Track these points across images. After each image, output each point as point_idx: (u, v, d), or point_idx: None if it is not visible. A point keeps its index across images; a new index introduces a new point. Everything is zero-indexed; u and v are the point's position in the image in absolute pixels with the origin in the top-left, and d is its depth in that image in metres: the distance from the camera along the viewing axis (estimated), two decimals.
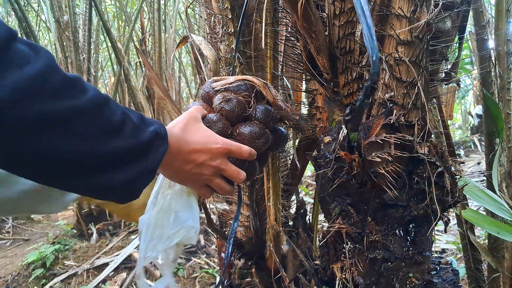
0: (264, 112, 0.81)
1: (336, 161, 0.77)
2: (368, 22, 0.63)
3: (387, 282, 0.78)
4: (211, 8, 1.26)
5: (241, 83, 0.82)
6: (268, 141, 0.81)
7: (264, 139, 0.80)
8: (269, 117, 0.82)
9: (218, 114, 0.80)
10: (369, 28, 0.63)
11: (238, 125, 0.81)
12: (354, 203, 0.80)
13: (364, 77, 0.80)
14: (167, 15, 5.25)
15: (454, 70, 1.00)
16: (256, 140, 0.78)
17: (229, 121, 0.80)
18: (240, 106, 0.80)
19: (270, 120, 0.82)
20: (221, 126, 0.78)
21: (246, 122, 0.80)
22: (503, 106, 1.45)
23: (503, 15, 1.42)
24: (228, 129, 0.80)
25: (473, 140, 7.66)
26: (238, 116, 0.80)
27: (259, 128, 0.79)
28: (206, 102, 0.85)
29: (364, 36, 0.64)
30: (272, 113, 0.83)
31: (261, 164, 0.87)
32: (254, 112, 0.81)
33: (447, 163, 0.77)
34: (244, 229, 1.47)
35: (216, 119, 0.78)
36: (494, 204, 1.25)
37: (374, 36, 0.63)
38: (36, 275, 3.08)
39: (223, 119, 0.79)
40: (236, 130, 0.80)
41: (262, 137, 0.79)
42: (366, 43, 0.63)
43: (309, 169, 4.88)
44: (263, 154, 0.84)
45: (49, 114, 0.43)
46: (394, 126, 0.73)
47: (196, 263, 3.41)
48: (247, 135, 0.78)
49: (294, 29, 0.89)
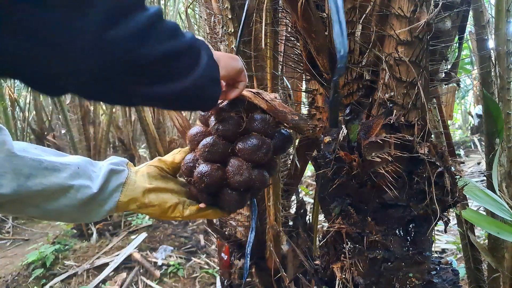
0: (260, 122, 0.82)
1: (336, 161, 0.77)
2: (340, 17, 0.64)
3: (387, 282, 0.78)
4: (211, 8, 1.26)
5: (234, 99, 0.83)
6: (269, 150, 0.81)
7: (265, 149, 0.80)
8: (266, 125, 0.82)
9: (216, 136, 0.81)
10: (340, 23, 0.64)
11: (237, 141, 0.81)
12: (354, 203, 0.80)
13: (364, 77, 0.80)
14: (167, 15, 5.26)
15: (454, 70, 1.00)
16: (257, 152, 0.79)
17: (228, 139, 0.81)
18: (235, 123, 0.80)
19: (267, 128, 0.82)
20: (221, 147, 0.80)
21: (244, 136, 0.81)
22: (503, 106, 1.45)
23: (503, 15, 1.42)
24: (228, 149, 0.81)
25: (473, 140, 7.66)
26: (234, 133, 0.81)
27: (257, 139, 0.79)
28: (204, 124, 0.87)
29: (334, 32, 0.64)
30: (268, 121, 0.83)
31: (271, 172, 0.87)
32: (250, 124, 0.82)
33: (447, 163, 0.77)
34: (244, 229, 1.47)
35: (213, 142, 0.80)
36: (494, 204, 1.25)
37: (345, 31, 0.64)
38: (36, 275, 3.08)
39: (221, 139, 0.80)
40: (235, 147, 0.81)
41: (262, 148, 0.79)
42: (335, 38, 0.64)
43: (309, 169, 4.88)
44: (269, 161, 0.84)
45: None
46: (394, 126, 0.73)
47: (196, 263, 3.41)
48: (248, 149, 0.79)
49: (294, 29, 0.89)
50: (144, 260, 3.32)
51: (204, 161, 0.80)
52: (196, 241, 3.74)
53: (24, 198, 0.66)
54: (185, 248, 3.63)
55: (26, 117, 6.30)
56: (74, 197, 0.71)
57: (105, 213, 0.78)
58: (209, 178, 0.78)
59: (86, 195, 0.72)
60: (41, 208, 0.70)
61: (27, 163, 0.66)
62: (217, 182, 0.79)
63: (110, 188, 0.77)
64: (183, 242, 3.73)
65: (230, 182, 0.79)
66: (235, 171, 0.78)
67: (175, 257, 3.45)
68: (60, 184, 0.69)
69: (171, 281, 3.13)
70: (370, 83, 0.80)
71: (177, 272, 3.22)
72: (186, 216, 0.83)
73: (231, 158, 0.81)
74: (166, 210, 0.82)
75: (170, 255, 3.46)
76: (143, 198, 0.80)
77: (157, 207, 0.81)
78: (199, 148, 0.81)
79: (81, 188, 0.72)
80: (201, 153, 0.80)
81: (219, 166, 0.80)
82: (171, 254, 3.48)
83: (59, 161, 0.71)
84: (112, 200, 0.77)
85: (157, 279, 3.13)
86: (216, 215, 0.87)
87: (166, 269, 3.26)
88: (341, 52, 0.63)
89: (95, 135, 4.41)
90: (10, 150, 0.64)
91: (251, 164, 0.80)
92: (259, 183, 0.81)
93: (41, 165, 0.67)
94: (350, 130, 0.77)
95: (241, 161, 0.79)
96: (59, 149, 5.94)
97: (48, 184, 0.68)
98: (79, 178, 0.72)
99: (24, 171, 0.65)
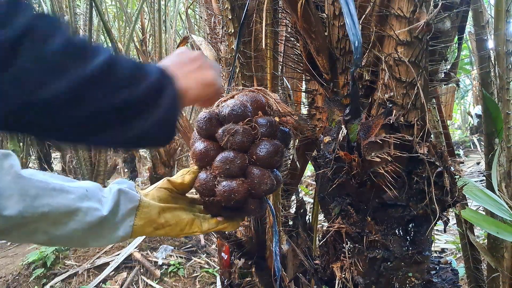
0: (269, 126, 0.81)
1: (336, 161, 0.77)
2: (351, 9, 0.65)
3: (387, 281, 0.78)
4: (211, 8, 1.27)
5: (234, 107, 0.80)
6: (283, 152, 0.81)
7: (280, 153, 0.80)
8: (274, 128, 0.82)
9: (232, 150, 0.79)
10: (352, 15, 0.65)
11: (251, 150, 0.80)
12: (354, 203, 0.80)
13: (363, 77, 0.80)
14: (168, 15, 5.26)
15: (454, 70, 1.00)
16: (275, 157, 0.79)
17: (242, 151, 0.80)
18: (247, 133, 0.79)
19: (275, 130, 0.82)
20: (240, 160, 0.78)
21: (256, 144, 0.80)
22: (502, 106, 1.46)
23: (502, 15, 1.42)
24: (245, 160, 0.79)
25: (472, 140, 7.66)
26: (249, 143, 0.80)
27: (271, 145, 0.79)
28: (206, 137, 0.83)
29: (346, 24, 0.65)
30: (274, 123, 0.82)
31: (280, 169, 0.87)
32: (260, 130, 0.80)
33: (446, 163, 0.78)
34: (244, 229, 1.47)
35: (232, 157, 0.78)
36: (493, 204, 1.26)
37: (357, 23, 0.64)
38: (36, 274, 3.08)
39: (237, 153, 0.79)
40: (252, 157, 0.79)
41: (278, 152, 0.79)
42: (348, 31, 0.65)
43: (309, 169, 4.88)
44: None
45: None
46: (393, 126, 0.74)
47: (197, 263, 3.41)
48: (266, 157, 0.78)
49: (294, 30, 0.89)
50: (145, 259, 3.32)
51: (226, 177, 0.78)
52: (196, 240, 3.75)
53: (30, 222, 0.65)
54: (186, 248, 3.64)
55: None
56: (82, 220, 0.69)
57: (119, 238, 0.76)
58: (237, 194, 0.76)
59: (95, 217, 0.70)
60: (49, 234, 0.68)
61: (34, 184, 0.65)
62: (245, 196, 0.78)
63: (123, 211, 0.75)
64: (184, 241, 3.73)
65: (256, 192, 0.79)
66: (260, 181, 0.78)
67: (175, 256, 3.45)
68: (67, 206, 0.67)
69: (171, 281, 3.14)
70: (370, 83, 0.80)
71: (178, 271, 3.23)
72: (205, 230, 0.82)
73: (251, 169, 0.79)
74: (184, 227, 0.80)
75: (171, 255, 3.47)
76: (159, 219, 0.78)
77: (173, 226, 0.80)
78: (217, 165, 0.78)
79: (89, 211, 0.70)
80: (221, 170, 0.78)
81: (243, 180, 0.79)
82: (171, 254, 3.48)
83: (68, 184, 0.70)
84: (127, 224, 0.75)
85: (157, 278, 3.13)
86: (233, 227, 0.86)
87: (167, 268, 3.26)
88: (355, 44, 0.64)
89: None
90: (17, 172, 0.63)
91: (270, 169, 0.80)
92: (278, 185, 0.82)
93: (48, 186, 0.66)
94: (350, 130, 0.78)
95: (262, 170, 0.79)
96: (59, 149, 5.94)
97: (55, 205, 0.66)
98: (88, 200, 0.70)
99: (31, 192, 0.64)
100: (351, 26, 0.65)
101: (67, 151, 5.31)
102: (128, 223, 0.76)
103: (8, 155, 0.64)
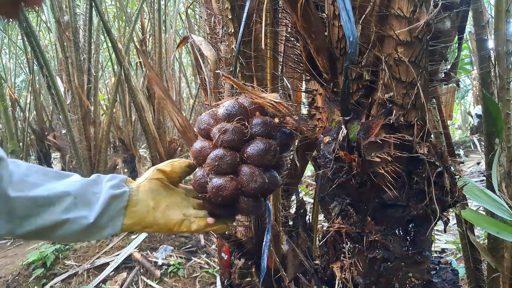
0: (263, 125, 0.82)
1: (336, 161, 0.77)
2: (347, 5, 0.66)
3: (387, 281, 0.78)
4: (211, 8, 1.26)
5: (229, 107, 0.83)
6: (276, 152, 0.82)
7: (273, 151, 0.80)
8: (268, 128, 0.82)
9: (222, 147, 0.81)
10: (347, 10, 0.65)
11: (243, 148, 0.81)
12: (354, 203, 0.80)
13: (363, 77, 0.80)
14: (168, 15, 5.26)
15: (454, 70, 1.00)
16: (266, 156, 0.79)
17: (234, 149, 0.81)
18: (238, 132, 0.80)
19: (270, 130, 0.83)
20: (230, 158, 0.80)
21: (249, 143, 0.81)
22: (502, 106, 1.46)
23: (502, 15, 1.42)
24: (236, 158, 0.81)
25: (472, 140, 7.67)
26: (240, 142, 0.81)
27: (263, 143, 0.80)
28: (205, 137, 0.87)
29: (341, 19, 0.65)
30: (270, 123, 0.83)
31: (280, 171, 0.88)
32: (253, 129, 0.82)
33: (446, 163, 0.78)
34: (244, 229, 1.47)
35: (221, 154, 0.79)
36: (493, 204, 1.26)
37: (352, 18, 0.65)
38: (36, 274, 3.08)
39: (228, 150, 0.80)
40: (244, 155, 0.81)
41: (270, 151, 0.80)
42: (343, 25, 0.65)
43: (309, 169, 4.88)
44: (277, 161, 0.85)
45: None
46: (393, 126, 0.74)
47: (196, 263, 3.41)
48: (256, 155, 0.79)
49: (293, 30, 0.89)
50: (145, 259, 3.32)
51: (216, 174, 0.80)
52: (196, 240, 3.75)
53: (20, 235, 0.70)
54: (185, 248, 3.64)
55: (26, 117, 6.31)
56: (69, 228, 0.73)
57: (108, 235, 0.79)
58: (224, 191, 0.78)
59: (83, 225, 0.74)
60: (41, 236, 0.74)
61: (22, 204, 0.68)
62: (233, 193, 0.79)
63: (112, 211, 0.77)
64: (183, 241, 3.73)
65: (245, 190, 0.80)
66: (249, 179, 0.79)
67: (175, 256, 3.45)
68: (54, 220, 0.71)
69: (171, 281, 3.14)
70: (370, 84, 0.80)
71: (177, 271, 3.23)
72: (194, 230, 0.83)
73: (241, 167, 0.81)
74: (172, 227, 0.81)
75: (170, 255, 3.47)
76: (148, 217, 0.80)
77: (162, 225, 0.81)
78: (208, 162, 0.80)
79: (76, 220, 0.73)
80: (211, 167, 0.80)
81: (232, 177, 0.80)
82: (171, 254, 3.48)
83: (56, 191, 0.72)
84: (116, 223, 0.78)
85: (157, 278, 3.13)
86: (223, 229, 0.87)
87: (166, 268, 3.26)
88: (350, 38, 0.65)
89: (95, 135, 4.41)
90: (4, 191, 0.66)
91: (262, 168, 0.81)
92: (273, 185, 0.82)
93: (36, 203, 0.69)
94: (350, 130, 0.78)
95: (253, 168, 0.80)
96: (59, 149, 5.94)
97: (42, 222, 0.70)
98: (75, 209, 0.73)
99: (19, 213, 0.68)
100: (346, 21, 0.65)
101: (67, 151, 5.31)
102: (117, 222, 0.78)
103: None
